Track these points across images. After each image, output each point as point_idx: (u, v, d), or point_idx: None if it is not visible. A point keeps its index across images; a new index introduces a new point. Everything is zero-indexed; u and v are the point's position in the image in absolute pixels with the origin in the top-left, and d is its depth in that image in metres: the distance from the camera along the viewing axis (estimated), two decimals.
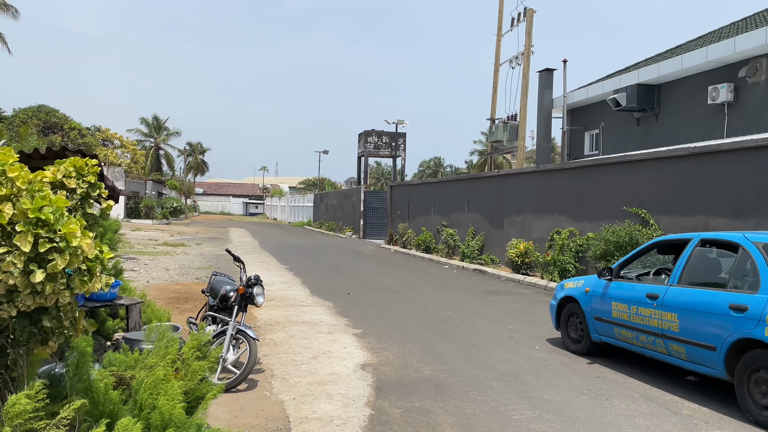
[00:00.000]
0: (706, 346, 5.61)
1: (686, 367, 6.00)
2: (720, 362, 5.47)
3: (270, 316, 9.64)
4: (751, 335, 5.12)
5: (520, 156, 21.09)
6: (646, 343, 6.44)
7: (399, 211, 28.26)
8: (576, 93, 24.93)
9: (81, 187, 3.76)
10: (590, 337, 7.37)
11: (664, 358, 6.26)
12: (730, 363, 5.40)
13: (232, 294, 6.43)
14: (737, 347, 5.33)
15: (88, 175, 3.82)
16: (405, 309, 10.69)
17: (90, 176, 3.83)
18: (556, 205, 15.39)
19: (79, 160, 3.82)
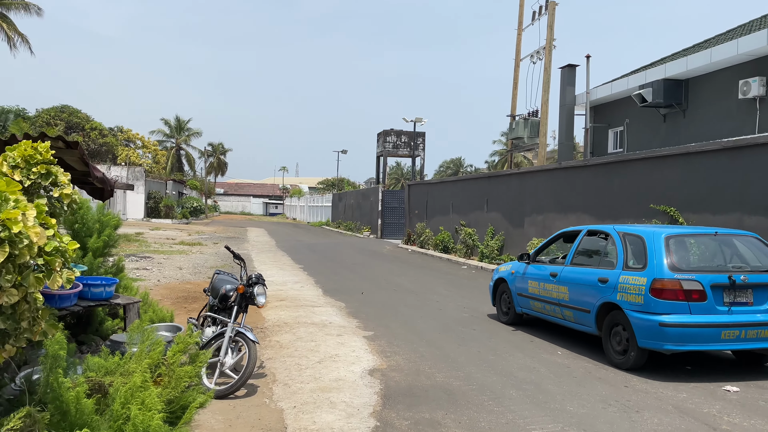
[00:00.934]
0: (584, 310, 7.35)
1: (574, 327, 7.73)
2: (592, 321, 7.20)
3: (279, 317, 9.26)
4: (610, 300, 6.89)
5: (542, 153, 20.48)
6: (550, 311, 8.16)
7: (417, 210, 27.79)
8: (599, 89, 24.24)
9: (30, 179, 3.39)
10: (515, 310, 9.10)
11: (561, 321, 8.00)
12: (599, 321, 7.13)
13: (232, 294, 6.04)
14: (603, 309, 7.06)
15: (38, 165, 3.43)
16: (420, 310, 10.24)
17: (40, 166, 3.44)
18: (578, 203, 14.80)
19: (28, 147, 3.44)
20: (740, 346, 6.42)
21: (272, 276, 14.76)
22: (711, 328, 6.23)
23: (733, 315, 6.31)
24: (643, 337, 6.38)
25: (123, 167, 48.59)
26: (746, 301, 6.42)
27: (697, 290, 6.29)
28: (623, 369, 6.56)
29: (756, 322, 6.31)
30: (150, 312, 7.64)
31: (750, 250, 6.95)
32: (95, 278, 6.51)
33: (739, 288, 6.39)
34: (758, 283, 6.46)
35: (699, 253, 6.86)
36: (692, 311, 6.27)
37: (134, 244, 23.87)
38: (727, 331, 6.24)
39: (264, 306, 6.18)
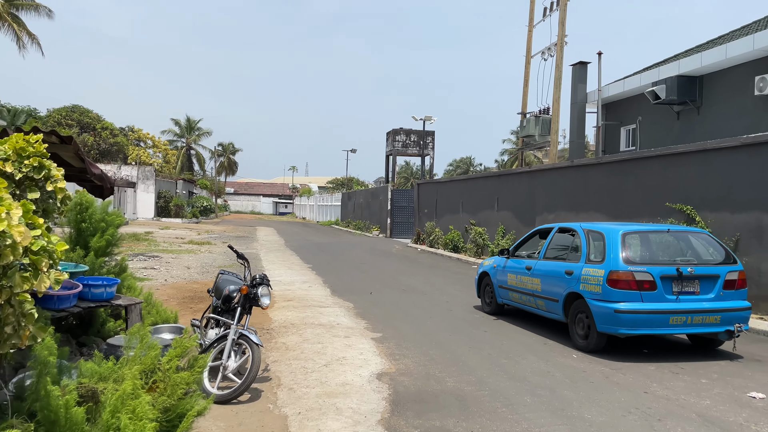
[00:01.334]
0: (553, 300, 8.05)
1: (545, 315, 8.50)
2: (560, 310, 7.89)
3: (285, 318, 9.08)
4: (575, 290, 7.57)
5: (553, 151, 20.17)
6: (526, 301, 8.93)
7: (426, 209, 27.55)
8: (611, 86, 23.88)
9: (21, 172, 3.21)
10: (497, 301, 9.87)
11: (534, 310, 8.76)
12: (566, 310, 7.80)
13: (236, 295, 5.85)
14: (569, 299, 7.73)
15: (31, 158, 3.26)
16: (429, 311, 10.02)
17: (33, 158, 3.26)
18: (592, 202, 14.51)
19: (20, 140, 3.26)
20: (687, 330, 7.18)
21: (280, 276, 14.59)
22: (660, 315, 6.97)
23: (680, 303, 7.04)
24: (602, 323, 7.11)
25: (133, 167, 48.66)
26: (693, 290, 7.15)
27: (648, 281, 7.01)
28: (586, 351, 7.32)
29: (701, 309, 7.04)
30: (153, 313, 7.48)
31: (702, 246, 7.66)
32: (96, 278, 6.35)
33: (687, 279, 7.09)
34: (704, 275, 7.17)
35: (652, 248, 7.57)
36: (644, 299, 7.00)
37: (143, 243, 23.81)
38: (675, 317, 6.99)
39: (269, 307, 5.98)
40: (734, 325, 7.04)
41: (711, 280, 7.19)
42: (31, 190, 3.89)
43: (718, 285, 7.19)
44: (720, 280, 7.20)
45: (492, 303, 10.00)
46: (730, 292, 7.25)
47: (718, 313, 7.08)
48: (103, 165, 46.27)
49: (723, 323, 7.07)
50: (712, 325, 7.09)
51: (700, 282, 7.16)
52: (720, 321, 7.07)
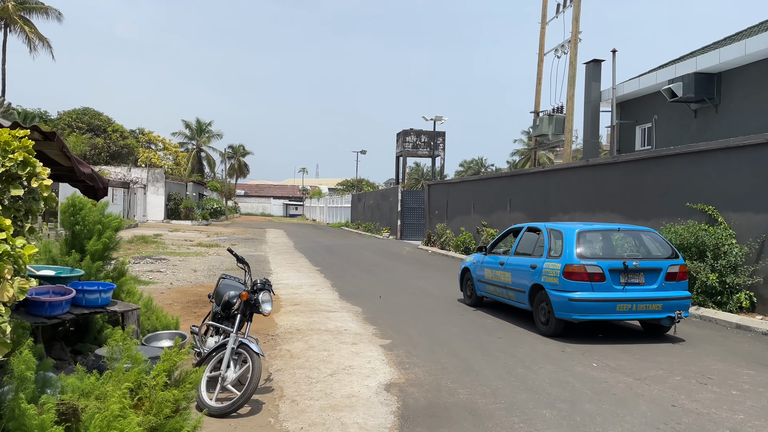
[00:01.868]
0: (521, 291, 8.99)
1: (515, 305, 9.41)
2: (527, 299, 8.82)
3: (291, 323, 8.76)
4: (538, 282, 8.47)
5: (567, 150, 19.73)
6: (500, 293, 9.84)
7: (437, 210, 27.18)
8: (626, 84, 23.42)
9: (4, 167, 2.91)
10: (476, 294, 10.74)
11: (506, 301, 9.69)
12: (531, 299, 8.71)
13: (236, 301, 5.54)
14: (533, 290, 8.62)
15: (16, 152, 2.97)
16: (441, 316, 9.67)
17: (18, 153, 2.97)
18: (608, 202, 14.09)
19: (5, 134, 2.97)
20: (632, 316, 8.13)
21: (288, 279, 14.30)
22: (608, 303, 7.85)
23: (626, 292, 7.90)
24: (558, 310, 8.01)
25: (143, 169, 48.65)
26: (638, 281, 8.01)
27: (598, 273, 7.90)
28: (547, 336, 8.20)
29: (645, 298, 7.90)
30: (153, 319, 7.21)
31: (650, 243, 8.62)
32: (91, 283, 6.06)
33: (632, 272, 7.98)
34: (649, 268, 8.08)
35: (603, 244, 8.51)
36: (594, 289, 7.87)
37: (151, 245, 23.64)
38: (621, 305, 7.86)
39: (270, 314, 5.66)
40: (675, 312, 7.93)
41: (654, 272, 8.08)
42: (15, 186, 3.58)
43: (661, 277, 8.05)
44: (662, 273, 8.07)
45: (472, 296, 10.90)
46: (672, 283, 8.14)
47: (660, 301, 7.95)
48: (113, 167, 46.30)
49: (665, 310, 7.96)
50: (655, 312, 8.00)
51: (644, 274, 8.05)
52: (662, 308, 7.96)
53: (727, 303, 9.84)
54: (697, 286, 10.04)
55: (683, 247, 10.35)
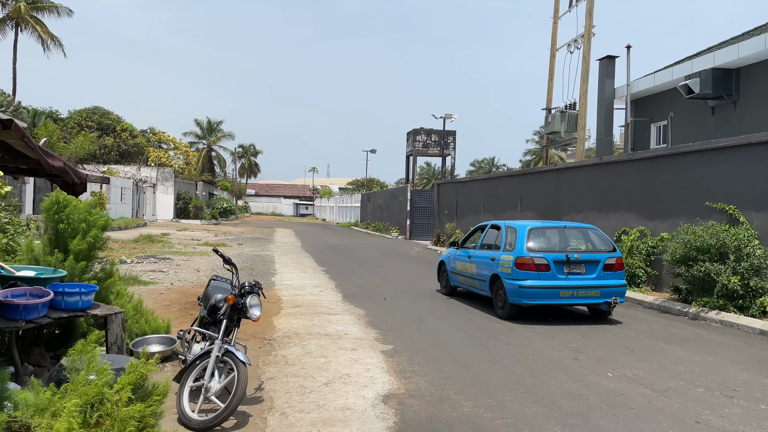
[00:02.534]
0: (483, 280, 10.13)
1: (480, 293, 10.53)
2: (488, 287, 9.94)
3: (290, 326, 8.38)
4: (496, 272, 9.58)
5: (580, 147, 19.18)
6: (468, 283, 11.00)
7: (446, 210, 26.74)
8: (641, 81, 22.83)
9: None
10: (450, 284, 11.91)
11: (474, 290, 10.82)
12: (491, 287, 9.83)
13: (222, 305, 5.16)
14: (492, 279, 9.73)
15: None
16: (447, 319, 9.25)
17: None
18: (622, 201, 13.59)
19: None
20: (573, 301, 9.20)
21: (291, 279, 13.95)
22: (552, 289, 9.02)
23: (569, 280, 9.07)
24: (511, 296, 9.18)
25: (152, 168, 48.60)
26: (579, 271, 9.17)
27: (544, 264, 9.07)
28: (503, 319, 9.34)
29: (585, 285, 9.08)
30: (142, 322, 6.85)
31: (591, 238, 9.78)
32: (73, 285, 5.70)
33: (574, 263, 9.15)
34: (588, 260, 9.24)
35: (550, 239, 9.67)
36: (541, 278, 9.02)
37: (157, 245, 23.40)
38: (564, 291, 9.03)
39: (259, 319, 5.27)
40: (611, 298, 9.15)
41: (593, 264, 9.25)
42: None
43: (599, 268, 9.22)
44: (601, 264, 9.24)
45: (447, 286, 12.12)
46: (609, 273, 9.29)
47: (598, 288, 9.12)
48: (122, 166, 46.26)
49: (602, 296, 9.15)
50: (594, 298, 9.17)
51: (585, 265, 9.21)
52: (600, 295, 9.14)
53: (750, 307, 9.33)
54: (718, 289, 9.54)
55: (703, 248, 9.85)
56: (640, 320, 9.59)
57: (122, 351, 5.93)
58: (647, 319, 9.70)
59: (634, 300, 11.41)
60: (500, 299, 9.55)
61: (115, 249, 20.42)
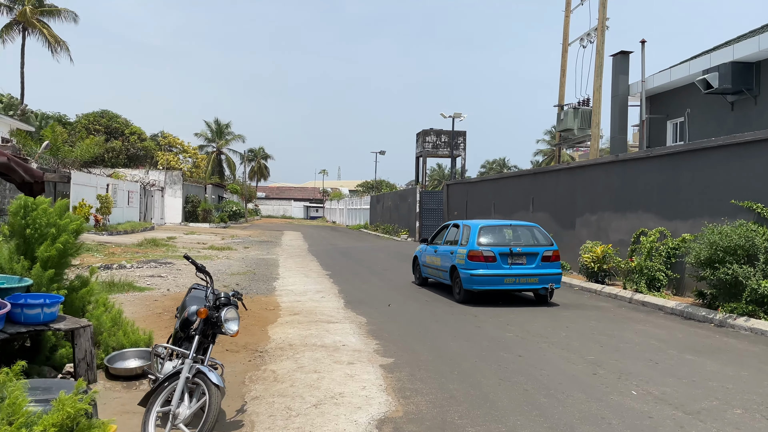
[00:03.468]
0: (445, 270, 11.69)
1: (443, 282, 12.09)
2: (448, 277, 11.54)
3: (286, 336, 7.81)
4: (453, 263, 11.25)
5: (594, 145, 18.46)
6: (434, 274, 12.57)
7: (456, 211, 26.11)
8: (657, 77, 22.09)
9: None
10: (422, 276, 13.46)
11: (439, 279, 12.38)
12: (451, 277, 11.41)
13: (195, 318, 4.59)
14: (452, 269, 11.32)
15: None
16: (454, 328, 8.63)
17: None
18: (640, 200, 12.90)
19: None
20: (516, 287, 10.87)
21: (294, 284, 13.39)
22: (498, 277, 10.62)
23: (512, 269, 10.69)
24: (465, 283, 10.78)
25: (161, 171, 48.35)
26: (521, 262, 10.77)
27: (491, 256, 10.67)
28: (459, 302, 10.92)
29: (525, 273, 10.67)
30: (120, 335, 6.29)
31: (534, 234, 11.39)
32: (37, 296, 5.16)
33: (516, 255, 10.75)
34: (529, 252, 10.82)
35: (497, 236, 11.21)
36: (488, 267, 10.63)
37: (161, 248, 22.96)
38: (508, 279, 10.63)
39: (237, 334, 4.69)
40: (548, 284, 10.76)
41: (533, 255, 10.86)
42: None
43: (538, 259, 10.84)
44: (539, 256, 10.86)
45: (420, 277, 13.74)
46: (547, 263, 10.86)
47: (537, 276, 10.72)
48: (130, 170, 46.03)
49: (540, 283, 10.76)
50: (533, 284, 10.80)
51: (526, 257, 10.83)
52: (538, 281, 10.75)
53: None
54: (747, 294, 8.84)
55: (730, 250, 9.15)
56: (662, 327, 8.92)
57: (92, 368, 5.38)
58: (670, 327, 9.03)
59: (655, 305, 10.73)
60: (457, 286, 11.21)
61: (117, 253, 20.01)
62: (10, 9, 42.68)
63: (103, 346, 6.04)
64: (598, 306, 11.01)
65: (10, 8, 42.70)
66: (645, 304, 11.00)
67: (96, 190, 30.84)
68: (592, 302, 11.49)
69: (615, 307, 10.86)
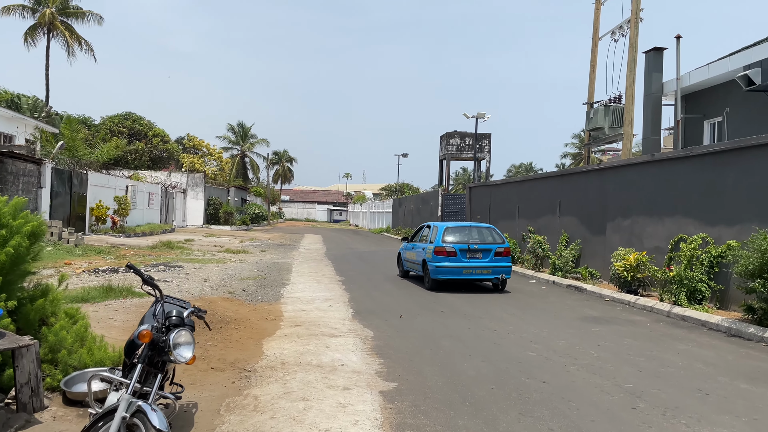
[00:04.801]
0: (419, 264, 14.18)
1: (418, 274, 14.57)
2: (421, 269, 14.02)
3: (280, 353, 6.99)
4: (424, 257, 13.66)
5: (627, 145, 17.28)
6: (412, 267, 15.00)
7: (479, 215, 25.08)
8: (693, 74, 20.85)
9: None
10: (404, 269, 16.00)
11: (415, 272, 14.85)
12: (423, 269, 13.83)
13: (140, 342, 3.77)
14: (423, 263, 13.77)
15: None
16: (469, 345, 7.70)
17: None
18: (679, 204, 11.80)
19: None
20: (473, 277, 13.08)
21: (302, 291, 12.59)
22: (458, 268, 12.93)
23: (470, 262, 12.99)
24: (432, 273, 13.09)
25: (182, 174, 48.20)
26: (477, 256, 13.08)
27: (453, 251, 12.98)
28: (428, 290, 13.15)
29: (481, 266, 12.97)
30: (82, 353, 5.51)
31: (491, 234, 13.80)
32: None
33: (473, 250, 13.07)
34: (484, 248, 13.11)
35: (458, 235, 13.52)
36: (450, 261, 12.96)
37: (176, 251, 22.42)
38: (466, 269, 12.93)
39: (192, 362, 3.85)
40: (500, 275, 12.98)
41: (488, 251, 13.06)
42: None
43: (492, 254, 13.05)
44: (493, 251, 13.07)
45: (402, 270, 16.19)
46: (499, 258, 13.08)
47: (490, 268, 12.95)
48: (151, 172, 45.94)
49: (493, 274, 12.98)
50: (487, 275, 13.00)
51: (481, 252, 13.05)
52: (491, 272, 12.96)
53: None
54: None
55: None
56: (707, 347, 7.87)
57: (37, 393, 4.60)
58: (716, 346, 7.97)
59: (697, 320, 9.65)
60: (426, 276, 13.52)
61: (129, 256, 19.49)
62: (33, 11, 42.93)
63: (61, 365, 5.27)
64: (632, 320, 9.96)
65: (34, 10, 42.94)
66: (685, 319, 9.92)
67: (114, 192, 30.54)
68: (626, 315, 10.44)
69: (652, 322, 9.81)
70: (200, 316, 4.01)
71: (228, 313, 9.55)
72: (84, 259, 17.74)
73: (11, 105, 40.30)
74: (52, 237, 20.80)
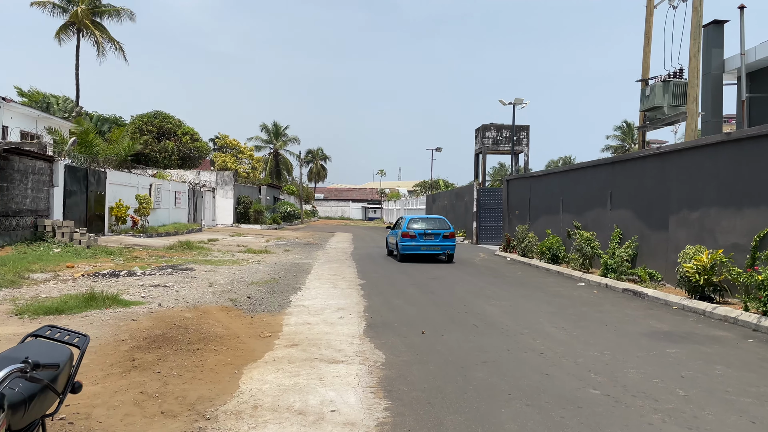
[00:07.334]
0: (394, 244, 20.56)
1: (393, 251, 21.03)
2: (395, 248, 20.24)
3: (259, 389, 5.34)
4: (397, 240, 19.92)
5: (691, 125, 15.03)
6: (392, 246, 21.25)
7: (518, 210, 23.08)
8: (759, 49, 18.53)
9: None
10: (388, 249, 22.31)
11: (392, 249, 21.21)
12: (396, 248, 20.15)
13: None
14: (395, 243, 20.17)
15: None
16: (508, 376, 5.88)
17: None
18: (762, 193, 9.71)
19: None
20: (428, 252, 19.06)
21: (313, 299, 10.95)
22: (418, 246, 19.00)
23: (426, 242, 19.01)
24: (401, 250, 19.15)
25: (212, 172, 47.41)
26: (431, 238, 19.05)
27: (413, 234, 19.06)
28: (399, 261, 19.26)
29: (433, 245, 19.02)
30: None
31: (442, 222, 19.99)
32: None
33: (428, 234, 19.10)
34: (435, 233, 19.11)
35: (420, 223, 19.73)
36: (412, 241, 18.99)
37: (193, 252, 21.15)
38: (423, 248, 18.99)
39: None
40: (446, 251, 19.11)
41: (438, 235, 19.08)
42: None
43: (440, 236, 19.05)
44: (441, 235, 19.08)
45: (389, 252, 21.88)
46: (446, 240, 19.07)
47: (440, 246, 19.03)
48: (180, 170, 45.19)
49: (441, 250, 19.07)
50: (437, 251, 19.07)
51: (434, 236, 19.04)
52: (440, 249, 19.05)
53: None
54: None
55: None
56: None
57: None
58: None
59: None
60: (397, 252, 19.57)
61: (141, 257, 18.27)
62: (64, 10, 42.58)
63: None
64: (714, 337, 7.97)
65: (64, 9, 42.58)
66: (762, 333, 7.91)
67: (137, 191, 29.57)
68: (704, 330, 8.44)
69: (739, 339, 7.80)
70: (48, 383, 2.32)
71: (216, 328, 7.98)
72: (90, 261, 16.55)
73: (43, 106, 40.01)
74: (63, 238, 19.75)
